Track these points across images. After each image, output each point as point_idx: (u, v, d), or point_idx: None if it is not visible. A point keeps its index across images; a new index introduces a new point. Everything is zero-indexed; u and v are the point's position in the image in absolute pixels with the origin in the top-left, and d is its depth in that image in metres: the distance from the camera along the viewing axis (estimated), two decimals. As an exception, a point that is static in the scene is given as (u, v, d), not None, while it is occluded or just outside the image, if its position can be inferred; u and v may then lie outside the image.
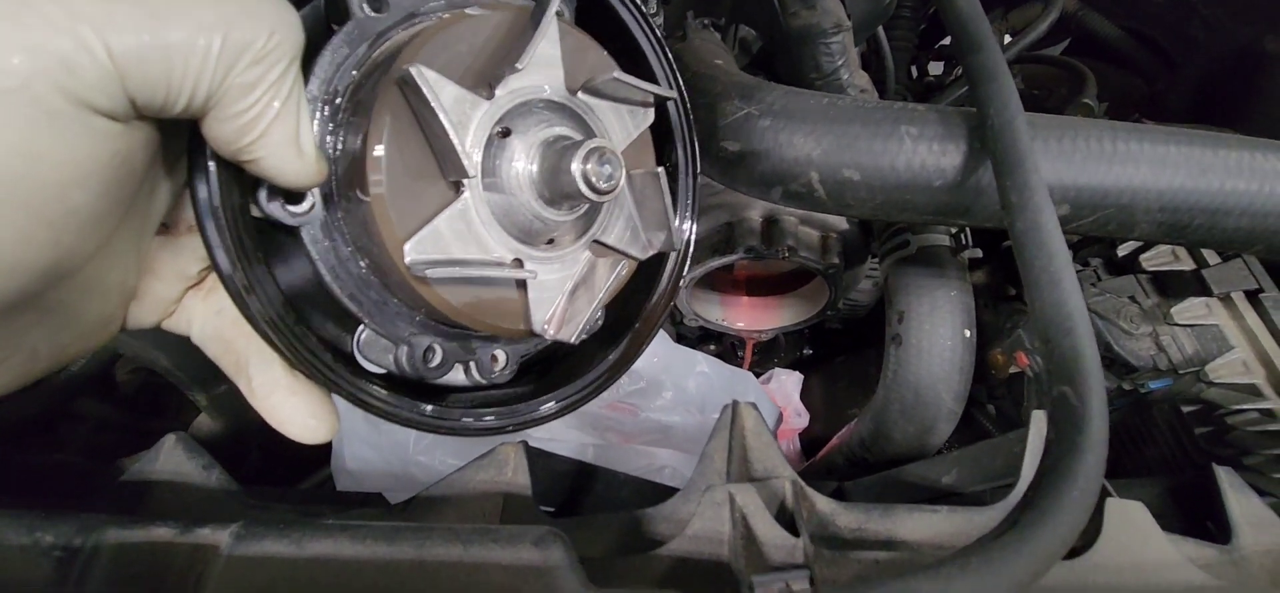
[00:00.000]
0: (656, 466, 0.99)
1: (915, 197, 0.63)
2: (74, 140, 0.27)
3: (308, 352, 0.37)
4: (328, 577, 0.46)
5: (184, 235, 0.40)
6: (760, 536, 0.48)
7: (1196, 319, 0.84)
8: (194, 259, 0.40)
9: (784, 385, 1.37)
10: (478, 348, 0.44)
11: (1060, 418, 0.41)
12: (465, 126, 0.37)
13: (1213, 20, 1.13)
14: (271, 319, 0.35)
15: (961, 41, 0.63)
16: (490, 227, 0.38)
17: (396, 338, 0.41)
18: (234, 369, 0.41)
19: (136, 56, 0.27)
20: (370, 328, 0.40)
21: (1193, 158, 0.59)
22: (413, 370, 0.41)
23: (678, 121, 0.51)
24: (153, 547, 0.49)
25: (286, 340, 0.36)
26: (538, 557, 0.46)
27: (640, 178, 0.46)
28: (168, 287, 0.40)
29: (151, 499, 0.61)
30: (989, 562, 0.36)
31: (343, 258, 0.39)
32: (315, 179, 0.35)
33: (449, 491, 0.58)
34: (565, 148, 0.38)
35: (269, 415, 0.40)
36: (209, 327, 0.41)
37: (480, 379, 0.44)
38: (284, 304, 0.37)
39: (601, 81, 0.42)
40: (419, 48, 0.36)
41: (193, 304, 0.41)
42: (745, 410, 0.60)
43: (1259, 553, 0.57)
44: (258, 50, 0.30)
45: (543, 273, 0.41)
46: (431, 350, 0.42)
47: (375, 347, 0.41)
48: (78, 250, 0.30)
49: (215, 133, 0.32)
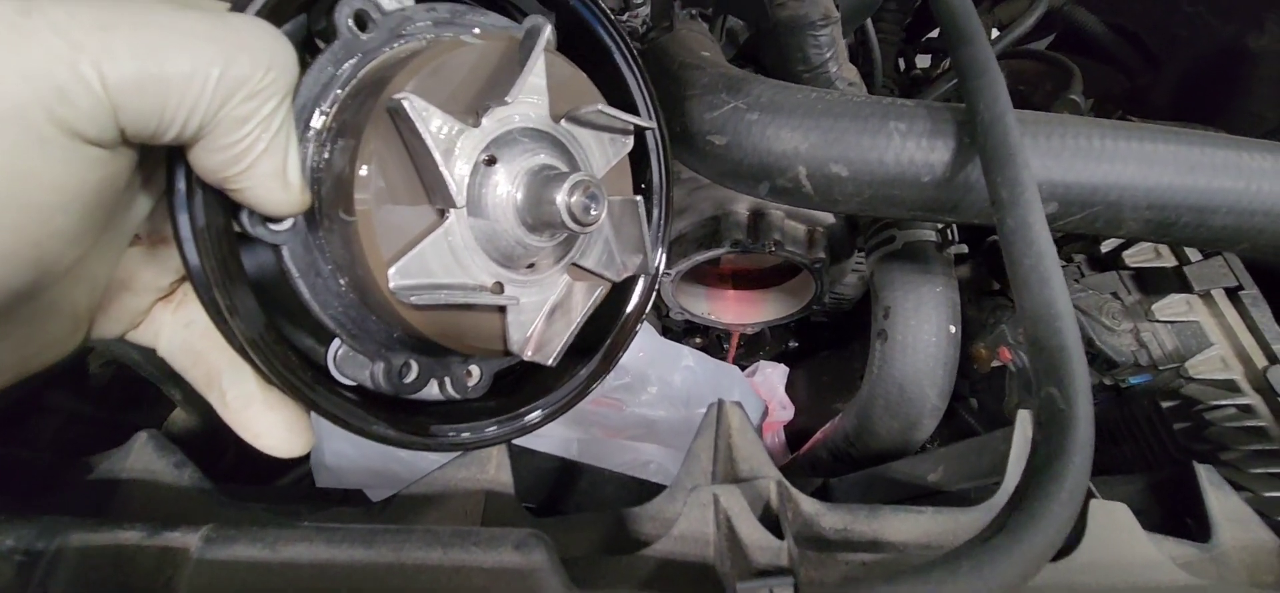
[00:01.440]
0: (642, 461, 0.98)
1: (903, 192, 0.62)
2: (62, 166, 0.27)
3: (287, 370, 0.36)
4: (302, 581, 0.45)
5: (158, 247, 0.39)
6: (744, 538, 0.48)
7: (1177, 316, 0.85)
8: (167, 271, 0.39)
9: (769, 379, 1.37)
10: (453, 364, 0.45)
11: (1047, 419, 0.41)
12: (452, 154, 0.37)
13: (1196, 17, 1.14)
14: (252, 339, 0.35)
15: (951, 34, 0.62)
16: (473, 251, 0.39)
17: (373, 354, 0.41)
18: (205, 382, 0.40)
19: (133, 88, 0.27)
20: (347, 344, 0.40)
21: (1180, 156, 0.59)
22: (388, 386, 0.41)
23: (655, 150, 0.52)
24: (119, 550, 0.47)
25: (266, 358, 0.35)
26: (520, 560, 0.45)
27: (618, 205, 0.46)
28: (138, 299, 0.39)
29: (121, 499, 0.59)
30: (978, 565, 0.36)
31: (322, 275, 0.39)
32: (299, 209, 0.35)
33: (430, 489, 0.57)
34: (549, 178, 0.39)
35: (244, 430, 0.40)
36: (177, 339, 0.40)
37: (454, 394, 0.45)
38: (265, 324, 0.36)
39: (585, 112, 0.43)
40: (409, 76, 0.36)
41: (162, 316, 0.40)
42: (731, 410, 0.59)
43: (1238, 550, 0.57)
44: (253, 86, 0.30)
45: (523, 297, 0.41)
46: (407, 366, 0.42)
47: (351, 362, 0.41)
48: (54, 268, 0.30)
49: (203, 162, 0.31)
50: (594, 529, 0.55)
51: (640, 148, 0.51)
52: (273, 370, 0.35)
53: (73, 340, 0.36)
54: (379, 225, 0.35)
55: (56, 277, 0.31)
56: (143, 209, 0.37)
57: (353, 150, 0.35)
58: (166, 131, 0.29)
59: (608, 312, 0.51)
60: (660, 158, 0.52)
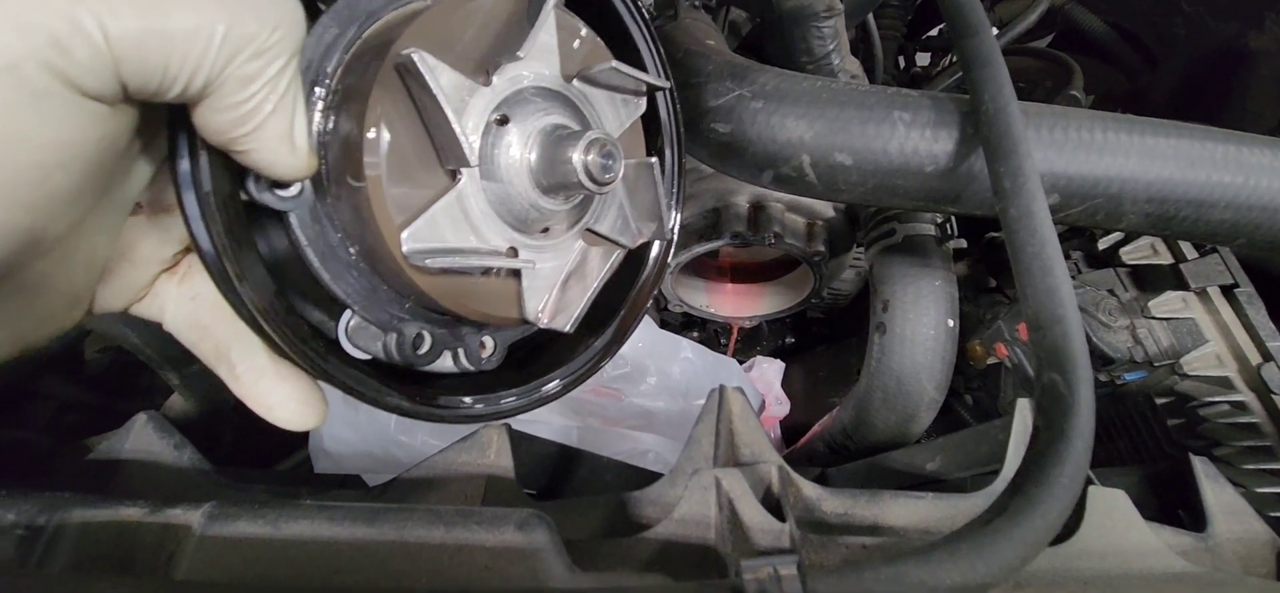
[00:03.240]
0: (640, 450, 0.98)
1: (907, 182, 0.62)
2: (60, 121, 0.26)
3: (299, 340, 0.35)
4: (305, 558, 0.45)
5: (160, 216, 0.38)
6: (746, 520, 0.48)
7: (1173, 313, 0.86)
8: (170, 241, 0.39)
9: (765, 373, 1.37)
10: (466, 335, 0.44)
11: (1049, 405, 0.41)
12: (463, 114, 0.36)
13: (1196, 17, 1.14)
14: (263, 308, 0.34)
15: (956, 26, 0.62)
16: (486, 215, 0.38)
17: (385, 325, 0.40)
18: (213, 356, 0.39)
19: (135, 41, 0.26)
20: (358, 314, 0.39)
21: (1181, 150, 0.59)
22: (402, 357, 0.40)
23: (667, 112, 0.51)
24: (121, 526, 0.47)
25: (278, 328, 0.34)
26: (521, 539, 0.45)
27: (633, 168, 0.45)
28: (140, 270, 0.38)
29: (120, 479, 0.59)
30: (978, 547, 0.36)
31: (331, 244, 0.38)
32: (307, 172, 0.34)
33: (430, 473, 0.57)
34: (563, 137, 0.38)
35: (256, 403, 0.39)
36: (184, 312, 0.39)
37: (469, 366, 0.43)
38: (274, 292, 0.36)
39: (598, 71, 0.42)
40: (417, 33, 0.35)
41: (166, 289, 0.39)
42: (732, 395, 0.60)
43: (1232, 541, 0.58)
44: (260, 44, 0.29)
45: (538, 262, 0.40)
46: (421, 337, 0.41)
47: (364, 333, 0.39)
48: (51, 232, 0.29)
49: (208, 122, 0.30)
50: (595, 513, 0.55)
51: (651, 114, 0.50)
52: (284, 340, 0.35)
53: (72, 316, 0.35)
54: (389, 190, 0.34)
55: (53, 243, 0.30)
56: (143, 176, 0.36)
57: (360, 113, 0.34)
58: (170, 88, 0.28)
59: (619, 281, 0.50)
60: (672, 119, 0.51)
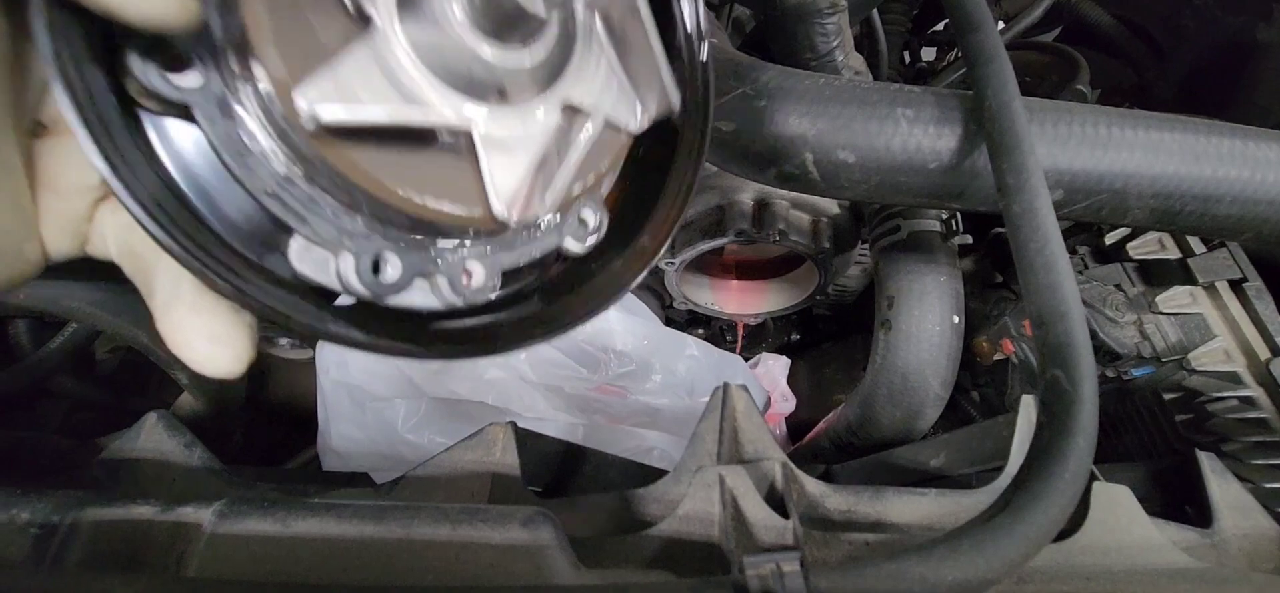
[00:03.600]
0: (645, 447, 0.99)
1: (910, 179, 0.62)
2: None
3: (198, 245, 0.28)
4: (313, 556, 0.45)
5: (66, 135, 0.32)
6: (750, 517, 0.48)
7: (1181, 308, 0.85)
8: (85, 162, 0.31)
9: (771, 370, 1.37)
10: (442, 258, 0.34)
11: (1052, 401, 0.41)
12: None
13: (1204, 10, 1.13)
14: (154, 198, 0.27)
15: (960, 21, 0.62)
16: (416, 70, 0.29)
17: (335, 245, 0.31)
18: (144, 287, 0.34)
19: None
20: (301, 234, 0.31)
21: (1186, 144, 0.59)
22: (365, 287, 0.31)
23: None
24: (133, 525, 0.48)
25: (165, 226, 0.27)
26: (527, 537, 0.46)
27: (617, 13, 0.35)
28: (69, 201, 0.33)
29: (131, 478, 0.60)
30: (980, 543, 0.36)
31: (248, 142, 0.30)
32: (181, 14, 0.27)
33: (436, 471, 0.58)
34: None
35: (169, 337, 0.33)
36: (121, 241, 0.34)
37: (454, 299, 0.34)
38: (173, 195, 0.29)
39: None
40: None
41: (104, 219, 0.34)
42: (736, 393, 0.60)
43: (1238, 537, 0.58)
44: None
45: (494, 131, 0.31)
46: (382, 259, 0.32)
47: (309, 258, 0.31)
48: None
49: None
50: (600, 510, 0.56)
51: None
52: (175, 240, 0.27)
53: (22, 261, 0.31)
54: (277, 34, 0.27)
55: None
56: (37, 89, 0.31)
57: None
58: None
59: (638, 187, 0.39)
60: None
